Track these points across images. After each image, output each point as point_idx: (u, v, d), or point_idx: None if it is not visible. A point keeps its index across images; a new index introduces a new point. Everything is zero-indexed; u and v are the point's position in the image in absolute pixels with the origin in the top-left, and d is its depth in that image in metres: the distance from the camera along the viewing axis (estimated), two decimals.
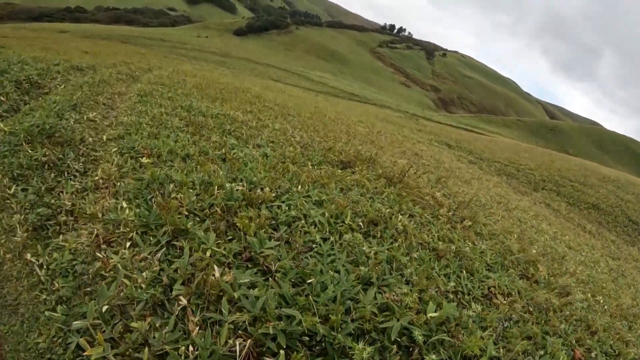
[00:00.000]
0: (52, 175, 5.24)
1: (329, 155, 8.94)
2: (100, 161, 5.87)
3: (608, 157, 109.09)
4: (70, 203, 4.55)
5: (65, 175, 5.33)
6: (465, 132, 67.07)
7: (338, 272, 3.97)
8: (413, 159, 18.01)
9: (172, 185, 4.78)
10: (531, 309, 4.86)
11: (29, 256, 3.79)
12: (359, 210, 5.74)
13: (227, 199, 4.78)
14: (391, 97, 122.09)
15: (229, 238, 4.20)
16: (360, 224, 5.31)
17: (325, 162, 8.32)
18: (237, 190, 5.02)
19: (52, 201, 4.59)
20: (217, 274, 3.42)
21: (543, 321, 4.68)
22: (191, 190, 4.84)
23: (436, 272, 4.84)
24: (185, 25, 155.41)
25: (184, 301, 3.15)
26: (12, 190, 4.75)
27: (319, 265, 3.99)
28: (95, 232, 4.02)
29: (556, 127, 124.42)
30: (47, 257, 3.76)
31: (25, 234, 4.09)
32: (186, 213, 4.34)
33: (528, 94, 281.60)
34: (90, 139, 6.75)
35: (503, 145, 47.55)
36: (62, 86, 10.96)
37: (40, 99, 9.68)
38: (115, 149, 6.17)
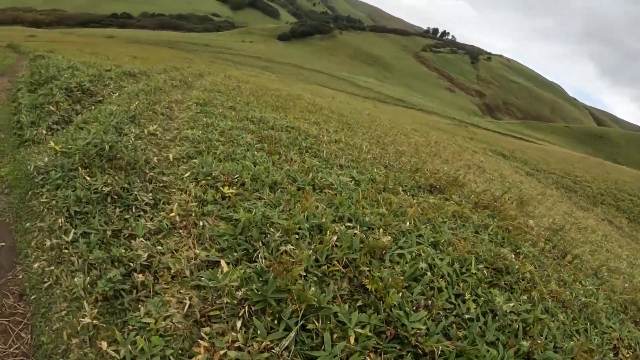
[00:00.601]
0: (118, 211, 4.17)
1: (417, 179, 7.84)
2: (172, 189, 4.80)
3: None
4: (145, 254, 3.45)
5: (133, 210, 4.25)
6: (515, 139, 65.62)
7: (493, 344, 3.27)
8: (477, 172, 16.86)
9: (277, 233, 3.63)
10: None
11: (104, 345, 2.64)
12: (479, 252, 4.77)
13: (347, 249, 3.62)
14: (436, 102, 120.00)
15: (358, 304, 3.17)
16: (485, 272, 4.42)
17: (416, 187, 7.29)
18: (354, 235, 3.87)
19: (122, 252, 3.49)
20: None
21: None
22: (296, 236, 3.71)
23: (568, 328, 4.16)
24: (229, 31, 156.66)
25: None
26: (71, 237, 3.68)
27: (473, 340, 3.17)
28: (187, 301, 2.90)
29: (604, 134, 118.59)
30: (130, 347, 2.60)
31: (95, 310, 2.96)
32: (304, 273, 3.19)
33: (575, 99, 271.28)
34: (155, 158, 5.73)
35: (556, 155, 46.53)
36: (117, 94, 10.08)
37: (93, 108, 8.78)
38: (188, 174, 5.10)
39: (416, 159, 11.01)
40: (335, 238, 3.79)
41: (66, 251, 3.56)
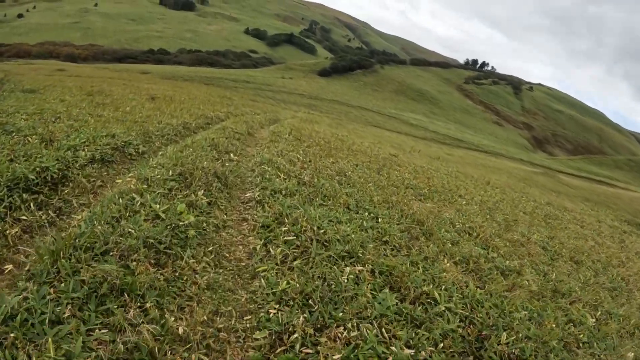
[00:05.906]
0: None
1: None
2: None
3: None
4: None
5: None
6: (607, 187, 56.41)
7: None
8: None
9: None
10: None
11: None
12: None
13: None
14: (492, 139, 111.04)
15: None
16: None
17: None
18: None
19: None
20: None
21: None
22: None
23: None
24: (268, 67, 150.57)
25: None
26: None
27: None
28: None
29: None
30: None
31: None
32: None
33: (618, 124, 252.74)
34: None
35: None
36: None
37: None
38: None
39: None
40: None
41: None
